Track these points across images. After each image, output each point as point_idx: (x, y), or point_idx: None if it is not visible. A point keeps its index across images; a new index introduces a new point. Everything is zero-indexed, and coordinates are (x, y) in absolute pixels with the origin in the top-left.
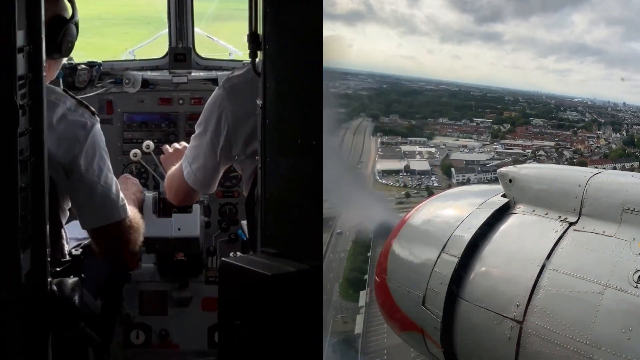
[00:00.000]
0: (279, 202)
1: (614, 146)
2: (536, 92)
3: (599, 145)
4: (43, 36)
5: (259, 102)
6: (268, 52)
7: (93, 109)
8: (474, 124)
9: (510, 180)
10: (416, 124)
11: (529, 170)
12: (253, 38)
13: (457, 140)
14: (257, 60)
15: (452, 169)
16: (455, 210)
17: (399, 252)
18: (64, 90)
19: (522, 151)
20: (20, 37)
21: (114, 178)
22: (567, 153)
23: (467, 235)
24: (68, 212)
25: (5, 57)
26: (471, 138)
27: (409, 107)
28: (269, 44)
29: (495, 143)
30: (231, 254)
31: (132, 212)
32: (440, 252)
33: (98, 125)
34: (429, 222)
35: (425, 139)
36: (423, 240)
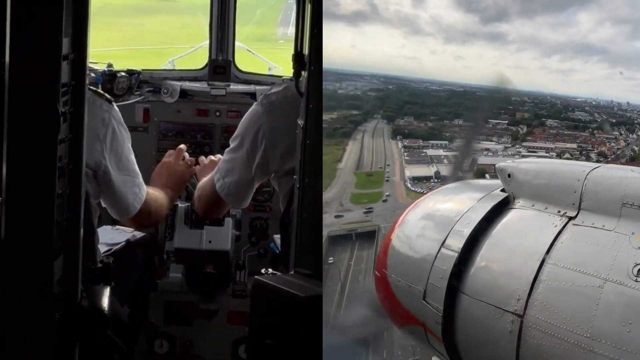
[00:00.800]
0: (315, 224)
1: (636, 148)
2: (539, 92)
3: (619, 146)
4: (88, 44)
5: (300, 122)
6: (312, 73)
7: (109, 97)
8: (489, 125)
9: (509, 175)
10: (433, 126)
11: (527, 164)
12: (298, 58)
13: (479, 143)
14: (300, 79)
15: (486, 175)
16: (454, 205)
17: (399, 246)
18: None
19: (546, 154)
20: (65, 45)
21: (134, 169)
22: (592, 156)
23: (467, 229)
24: (99, 210)
25: (51, 64)
26: (491, 141)
27: (421, 109)
28: (313, 64)
29: (517, 146)
30: (262, 270)
31: (151, 195)
32: (440, 247)
33: (115, 112)
34: (429, 216)
35: (447, 142)
36: (423, 235)
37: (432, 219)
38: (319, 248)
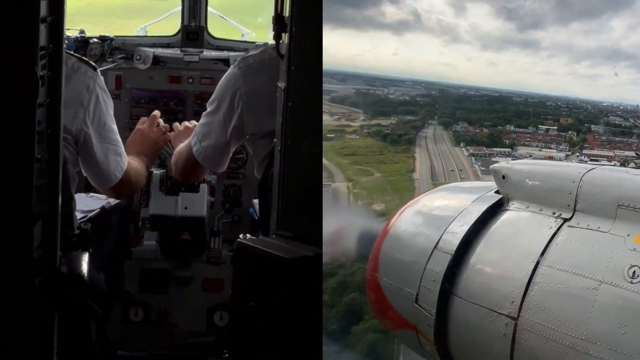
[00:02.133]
0: (297, 186)
1: None
2: (564, 96)
3: None
4: (65, 7)
5: (281, 84)
6: (294, 35)
7: (94, 64)
8: (540, 132)
9: (504, 177)
10: (490, 132)
11: (522, 166)
12: (278, 20)
13: (541, 150)
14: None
15: None
16: (448, 207)
17: (390, 249)
18: None
19: (609, 163)
20: (43, 8)
21: (116, 138)
22: None
23: (461, 231)
24: (77, 177)
25: (29, 27)
26: (550, 147)
27: (471, 114)
28: (295, 26)
29: (577, 154)
30: (241, 236)
31: (130, 165)
32: (433, 249)
33: (100, 80)
34: (421, 219)
35: (509, 150)
36: (415, 237)
37: (424, 221)
38: (305, 210)
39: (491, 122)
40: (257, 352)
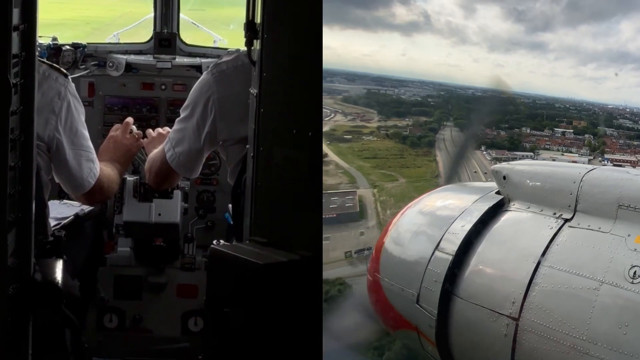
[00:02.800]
0: (270, 192)
1: None
2: (570, 98)
3: None
4: (37, 15)
5: (253, 90)
6: (266, 41)
7: (64, 71)
8: (556, 135)
9: (505, 177)
10: (507, 134)
11: (523, 166)
12: (250, 26)
13: (563, 154)
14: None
15: None
16: (449, 207)
17: (391, 250)
18: None
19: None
20: (15, 15)
21: (88, 144)
22: None
23: (462, 232)
24: (50, 184)
25: (1, 35)
26: (571, 152)
27: (485, 116)
28: (267, 33)
29: (600, 158)
30: (214, 242)
31: (103, 171)
32: (434, 250)
33: (71, 86)
34: (422, 219)
35: (531, 153)
36: (416, 238)
37: (425, 221)
38: (277, 216)
39: (507, 124)
40: (231, 358)
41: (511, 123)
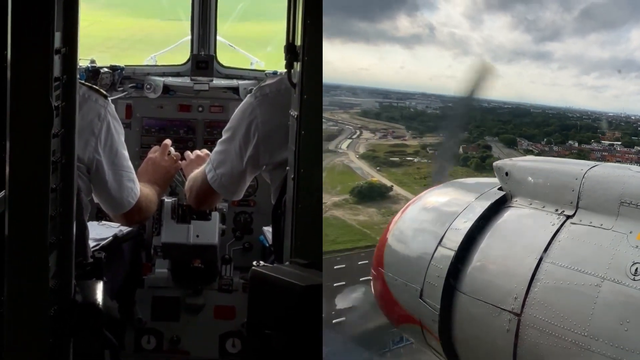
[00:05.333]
0: (311, 213)
1: None
2: (567, 107)
3: None
4: (78, 38)
5: (294, 113)
6: (306, 64)
7: (104, 92)
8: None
9: (507, 174)
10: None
11: (525, 163)
12: (290, 49)
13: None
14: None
15: None
16: (452, 203)
17: (395, 245)
18: None
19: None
20: (57, 39)
21: (128, 164)
22: None
23: (464, 228)
24: (90, 206)
25: (43, 58)
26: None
27: (503, 128)
28: (307, 55)
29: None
30: (254, 263)
31: (142, 192)
32: (437, 245)
33: (111, 108)
34: (425, 215)
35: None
36: (420, 233)
37: (429, 217)
38: (319, 238)
39: (534, 138)
40: None
41: (545, 136)
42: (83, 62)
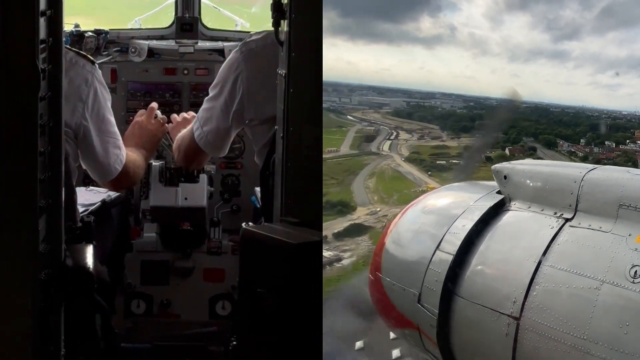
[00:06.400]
0: (301, 172)
1: None
2: (580, 106)
3: None
4: (63, 0)
5: (281, 71)
6: (293, 21)
7: (92, 58)
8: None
9: (505, 177)
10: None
11: (524, 166)
12: (277, 7)
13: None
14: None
15: None
16: (450, 207)
17: (393, 249)
18: None
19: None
20: (42, 1)
21: (115, 131)
22: None
23: (462, 232)
24: (77, 171)
25: (29, 20)
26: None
27: (539, 128)
28: (294, 13)
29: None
30: (243, 224)
31: (129, 157)
32: (435, 250)
33: (98, 74)
34: (423, 219)
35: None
36: (417, 237)
37: (426, 221)
38: (312, 196)
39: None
40: (264, 338)
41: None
42: (67, 26)
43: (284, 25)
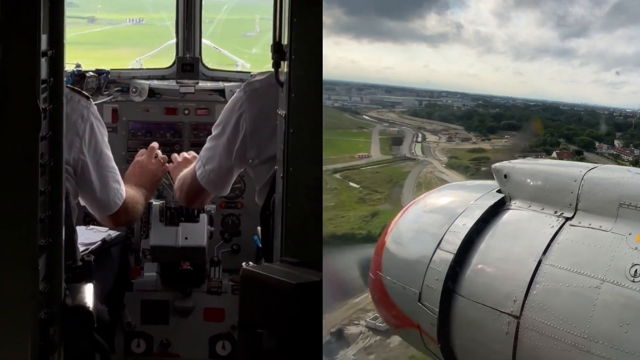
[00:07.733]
0: (301, 212)
1: None
2: (584, 104)
3: None
4: (65, 41)
5: (281, 112)
6: (293, 63)
7: (86, 93)
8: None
9: (506, 176)
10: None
11: (524, 165)
12: (277, 48)
13: None
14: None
15: None
16: (450, 206)
17: (393, 248)
18: None
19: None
20: (44, 42)
21: (113, 165)
22: None
23: (463, 231)
24: (77, 209)
25: (30, 60)
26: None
27: (572, 130)
28: (294, 54)
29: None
30: (244, 264)
31: (129, 193)
32: (436, 248)
33: (93, 109)
34: (424, 218)
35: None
36: (418, 236)
37: (427, 220)
38: (312, 237)
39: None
40: None
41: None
42: (69, 66)
43: (284, 67)
